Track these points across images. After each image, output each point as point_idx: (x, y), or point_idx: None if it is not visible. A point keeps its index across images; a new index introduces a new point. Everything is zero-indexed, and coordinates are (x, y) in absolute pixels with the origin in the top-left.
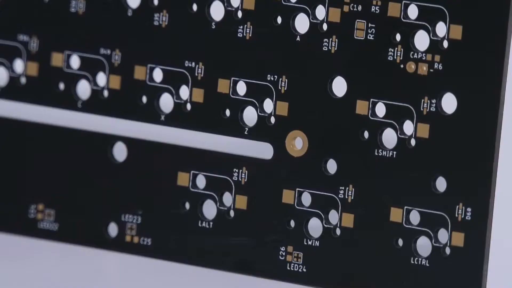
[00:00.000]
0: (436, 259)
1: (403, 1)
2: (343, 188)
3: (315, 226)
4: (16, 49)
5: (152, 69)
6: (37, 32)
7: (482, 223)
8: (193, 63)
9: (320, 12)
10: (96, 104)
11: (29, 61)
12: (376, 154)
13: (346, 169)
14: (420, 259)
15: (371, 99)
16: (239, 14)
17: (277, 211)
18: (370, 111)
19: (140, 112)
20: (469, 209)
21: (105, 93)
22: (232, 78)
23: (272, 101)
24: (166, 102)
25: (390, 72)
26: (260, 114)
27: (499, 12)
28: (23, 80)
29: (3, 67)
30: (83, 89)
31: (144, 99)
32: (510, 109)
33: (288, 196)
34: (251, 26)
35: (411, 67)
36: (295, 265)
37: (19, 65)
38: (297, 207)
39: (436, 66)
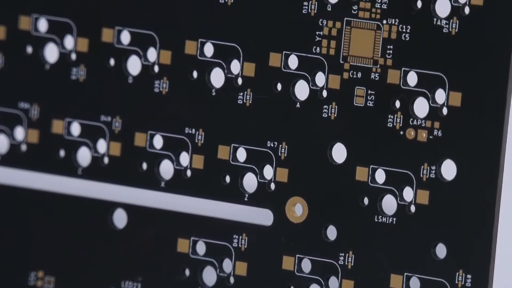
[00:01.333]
0: None
1: (402, 68)
2: (343, 254)
3: None
4: (17, 117)
5: (152, 136)
6: (38, 99)
7: None
8: (193, 130)
9: (320, 79)
10: (97, 171)
11: (30, 129)
12: (376, 220)
13: (346, 235)
14: None
15: (371, 166)
16: (239, 81)
17: (277, 278)
18: (370, 178)
19: (140, 179)
20: (469, 276)
21: (106, 160)
22: (232, 145)
23: (272, 167)
24: (166, 169)
25: (390, 138)
26: (260, 180)
27: (498, 79)
28: (23, 147)
29: (4, 135)
30: (84, 156)
31: (145, 165)
32: (510, 175)
33: (288, 263)
34: (251, 93)
35: (410, 133)
36: None
37: (19, 132)
38: (297, 274)
39: (435, 132)
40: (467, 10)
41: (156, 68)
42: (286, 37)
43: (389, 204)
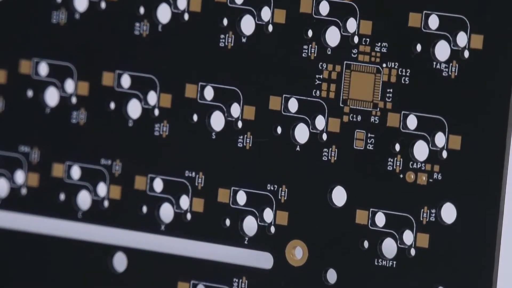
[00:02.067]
0: None
1: (402, 112)
2: None
3: None
4: (17, 160)
5: (152, 179)
6: (38, 143)
7: None
8: (193, 173)
9: (320, 122)
10: (97, 214)
11: (30, 172)
12: (376, 263)
13: (346, 279)
14: None
15: (371, 209)
16: (239, 124)
17: None
18: (370, 221)
19: (140, 222)
20: None
21: (106, 203)
22: (232, 188)
23: (272, 210)
24: (167, 212)
25: (390, 181)
26: (260, 223)
27: (497, 123)
28: (23, 191)
29: (4, 178)
30: (84, 199)
31: (145, 209)
32: (510, 219)
33: None
34: (251, 136)
35: (410, 177)
36: None
37: (20, 176)
38: None
39: (435, 176)
40: (466, 53)
41: (156, 112)
42: (286, 80)
43: (389, 247)
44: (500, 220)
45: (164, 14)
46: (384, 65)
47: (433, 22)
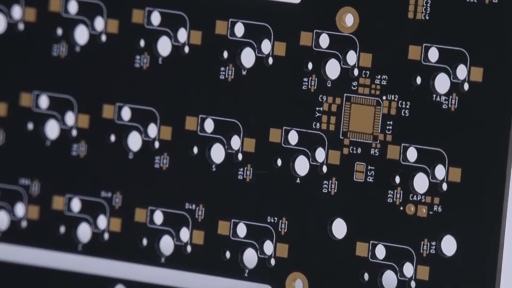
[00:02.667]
0: None
1: (402, 144)
2: None
3: None
4: (17, 193)
5: (152, 212)
6: (38, 175)
7: None
8: (194, 205)
9: (320, 154)
10: (97, 247)
11: (30, 205)
12: None
13: None
14: None
15: (371, 241)
16: (240, 156)
17: None
18: (370, 253)
19: (140, 255)
20: None
21: (106, 236)
22: (233, 220)
23: (272, 242)
24: (167, 244)
25: (390, 214)
26: (260, 256)
27: (497, 155)
28: (24, 223)
29: (4, 211)
30: (84, 232)
31: (145, 241)
32: (510, 252)
33: None
34: (251, 169)
35: (410, 209)
36: None
37: (20, 208)
38: None
39: (435, 208)
40: (466, 86)
41: (157, 144)
42: (286, 112)
43: (389, 279)
44: (500, 253)
45: (164, 47)
46: (384, 97)
47: (433, 55)
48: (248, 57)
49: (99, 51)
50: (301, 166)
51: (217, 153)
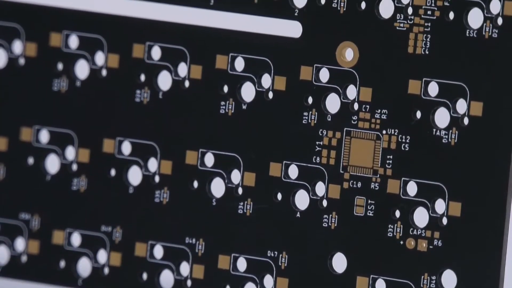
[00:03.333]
0: None
1: (402, 178)
2: None
3: None
4: (18, 228)
5: (153, 246)
6: (38, 210)
7: None
8: (194, 240)
9: (320, 188)
10: (97, 281)
11: (31, 239)
12: None
13: None
14: None
15: (371, 275)
16: (240, 190)
17: None
18: (370, 287)
19: None
20: None
21: (106, 270)
22: (233, 254)
23: (273, 277)
24: (167, 279)
25: (390, 248)
26: None
27: (498, 190)
28: (24, 258)
29: (4, 246)
30: (84, 266)
31: (145, 276)
32: (510, 286)
33: None
34: (251, 203)
35: (410, 243)
36: None
37: (20, 243)
38: None
39: (435, 242)
40: (466, 120)
41: (157, 178)
42: (286, 147)
43: None
44: (500, 287)
45: (165, 81)
46: (384, 131)
47: (433, 89)
48: (248, 91)
49: (99, 85)
50: (301, 200)
51: (217, 187)
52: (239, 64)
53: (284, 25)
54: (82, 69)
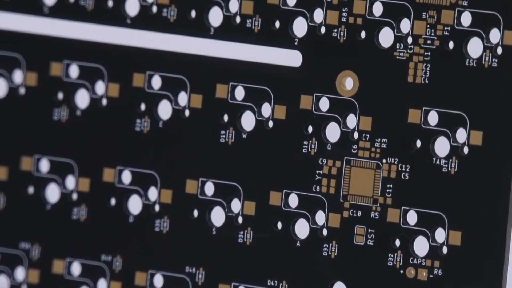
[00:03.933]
0: None
1: (402, 207)
2: None
3: None
4: (17, 257)
5: (153, 275)
6: (38, 239)
7: None
8: (194, 269)
9: (320, 217)
10: None
11: (31, 269)
12: None
13: None
14: None
15: None
16: (240, 219)
17: None
18: None
19: None
20: None
21: None
22: (233, 284)
23: None
24: None
25: (390, 277)
26: None
27: (497, 219)
28: (24, 287)
29: (4, 275)
30: None
31: None
32: None
33: None
34: (251, 232)
35: (411, 272)
36: None
37: (20, 272)
38: None
39: (435, 271)
40: (466, 150)
41: (157, 207)
42: (286, 176)
43: None
44: None
45: (165, 110)
46: (384, 160)
47: (433, 118)
48: (248, 121)
49: (100, 114)
50: (301, 229)
51: (218, 216)
52: (239, 93)
53: (284, 54)
54: (82, 99)
